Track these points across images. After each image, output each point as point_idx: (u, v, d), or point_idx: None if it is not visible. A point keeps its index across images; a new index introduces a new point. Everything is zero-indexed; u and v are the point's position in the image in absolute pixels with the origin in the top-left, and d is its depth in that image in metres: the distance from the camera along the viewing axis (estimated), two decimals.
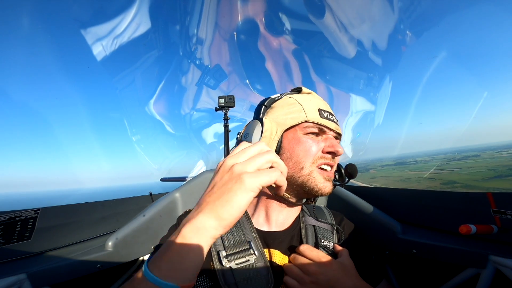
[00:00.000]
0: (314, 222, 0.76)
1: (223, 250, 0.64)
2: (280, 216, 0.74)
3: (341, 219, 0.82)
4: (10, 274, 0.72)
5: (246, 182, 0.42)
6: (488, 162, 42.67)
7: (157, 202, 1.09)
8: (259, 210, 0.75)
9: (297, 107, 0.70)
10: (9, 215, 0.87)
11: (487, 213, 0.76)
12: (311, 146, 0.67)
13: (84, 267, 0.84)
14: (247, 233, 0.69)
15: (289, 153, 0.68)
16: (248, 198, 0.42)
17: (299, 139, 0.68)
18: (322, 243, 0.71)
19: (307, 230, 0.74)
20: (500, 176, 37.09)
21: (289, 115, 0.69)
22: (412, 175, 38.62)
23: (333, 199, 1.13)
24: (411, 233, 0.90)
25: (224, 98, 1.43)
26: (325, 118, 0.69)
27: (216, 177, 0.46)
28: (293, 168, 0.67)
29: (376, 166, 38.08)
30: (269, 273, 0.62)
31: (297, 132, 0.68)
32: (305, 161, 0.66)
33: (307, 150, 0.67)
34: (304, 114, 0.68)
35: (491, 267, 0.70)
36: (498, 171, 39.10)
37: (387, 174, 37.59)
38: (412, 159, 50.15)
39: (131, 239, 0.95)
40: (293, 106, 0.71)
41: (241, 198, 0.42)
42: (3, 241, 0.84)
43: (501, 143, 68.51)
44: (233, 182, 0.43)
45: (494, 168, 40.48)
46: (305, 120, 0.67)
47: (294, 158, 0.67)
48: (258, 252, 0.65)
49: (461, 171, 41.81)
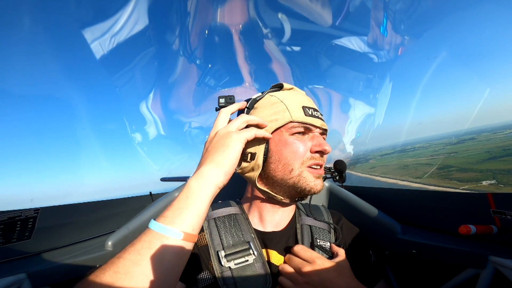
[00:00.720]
0: (310, 222, 0.76)
1: (222, 250, 0.64)
2: (275, 216, 0.74)
3: (339, 218, 0.82)
4: (10, 273, 0.72)
5: (233, 135, 0.55)
6: (484, 144, 42.52)
7: (157, 202, 1.09)
8: (253, 212, 0.75)
9: (281, 107, 0.66)
10: (9, 215, 0.87)
11: (487, 213, 0.76)
12: (298, 147, 0.65)
13: (84, 266, 0.84)
14: (246, 234, 0.69)
15: (277, 156, 0.65)
16: (239, 147, 0.55)
17: (285, 141, 0.65)
18: (318, 243, 0.70)
19: (302, 230, 0.73)
20: (494, 158, 36.99)
21: (273, 116, 0.66)
22: (410, 162, 38.67)
23: (333, 199, 1.13)
24: (411, 234, 0.90)
25: (224, 98, 1.42)
26: (310, 116, 0.66)
27: (208, 142, 0.59)
28: (282, 171, 0.65)
29: (376, 156, 37.99)
30: (267, 273, 0.62)
31: (283, 133, 0.66)
32: (294, 162, 0.64)
33: (295, 151, 0.65)
34: (288, 114, 0.65)
35: (491, 267, 0.70)
36: (493, 153, 38.91)
37: (386, 163, 37.57)
38: (411, 147, 50.09)
39: (131, 239, 0.94)
40: (276, 105, 0.67)
41: (234, 146, 0.54)
42: (3, 241, 0.84)
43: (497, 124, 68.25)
44: (224, 138, 0.56)
45: (489, 150, 40.29)
46: (290, 121, 0.64)
47: (283, 161, 0.65)
48: (257, 252, 0.65)
49: (458, 155, 41.72)
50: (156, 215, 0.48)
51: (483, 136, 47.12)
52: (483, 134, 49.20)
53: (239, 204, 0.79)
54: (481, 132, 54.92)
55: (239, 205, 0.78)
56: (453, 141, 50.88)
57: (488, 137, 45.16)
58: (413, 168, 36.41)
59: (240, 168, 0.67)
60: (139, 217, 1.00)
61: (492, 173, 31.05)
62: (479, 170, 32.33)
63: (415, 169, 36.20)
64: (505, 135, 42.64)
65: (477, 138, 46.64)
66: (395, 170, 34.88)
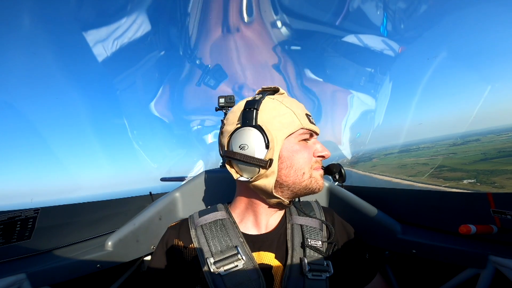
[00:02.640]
0: (301, 221, 0.75)
1: (211, 257, 0.64)
2: (270, 219, 0.74)
3: (332, 215, 0.81)
4: (10, 273, 0.72)
5: None
6: (485, 145, 42.61)
7: (157, 202, 1.09)
8: (248, 215, 0.74)
9: (287, 112, 0.67)
10: (9, 215, 0.87)
11: (487, 213, 0.76)
12: (307, 153, 0.68)
13: (83, 266, 0.84)
14: (234, 238, 0.68)
15: (289, 162, 0.66)
16: None
17: (296, 147, 0.67)
18: (309, 242, 0.70)
19: (293, 230, 0.73)
20: (486, 159, 37.16)
21: (283, 120, 0.66)
22: (409, 162, 38.82)
23: (333, 199, 1.13)
24: (411, 233, 0.90)
25: (224, 98, 1.42)
26: (312, 123, 0.70)
27: None
28: (295, 175, 0.66)
29: (380, 155, 38.05)
30: (259, 276, 0.62)
31: (293, 139, 0.67)
32: (305, 167, 0.67)
33: (306, 157, 0.67)
34: (297, 120, 0.66)
35: (491, 267, 0.70)
36: (488, 154, 39.06)
37: (388, 162, 37.69)
38: (416, 146, 49.98)
39: (131, 239, 0.95)
40: (281, 110, 0.67)
41: None
42: (3, 241, 0.84)
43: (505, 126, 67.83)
44: None
45: (486, 152, 40.45)
46: (301, 127, 0.67)
47: (295, 166, 0.66)
48: (246, 256, 0.65)
49: (455, 156, 41.80)
50: (156, 215, 0.48)
51: (488, 138, 47.11)
52: (489, 136, 49.14)
53: (227, 208, 0.78)
54: (487, 134, 54.88)
55: (226, 210, 0.77)
56: (458, 141, 50.75)
57: (492, 139, 45.19)
58: (410, 167, 36.57)
59: (257, 174, 0.64)
60: (139, 217, 1.00)
61: (476, 173, 31.35)
62: (467, 170, 32.73)
63: (412, 168, 36.36)
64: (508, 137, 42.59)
65: (482, 139, 46.65)
66: (393, 169, 35.03)
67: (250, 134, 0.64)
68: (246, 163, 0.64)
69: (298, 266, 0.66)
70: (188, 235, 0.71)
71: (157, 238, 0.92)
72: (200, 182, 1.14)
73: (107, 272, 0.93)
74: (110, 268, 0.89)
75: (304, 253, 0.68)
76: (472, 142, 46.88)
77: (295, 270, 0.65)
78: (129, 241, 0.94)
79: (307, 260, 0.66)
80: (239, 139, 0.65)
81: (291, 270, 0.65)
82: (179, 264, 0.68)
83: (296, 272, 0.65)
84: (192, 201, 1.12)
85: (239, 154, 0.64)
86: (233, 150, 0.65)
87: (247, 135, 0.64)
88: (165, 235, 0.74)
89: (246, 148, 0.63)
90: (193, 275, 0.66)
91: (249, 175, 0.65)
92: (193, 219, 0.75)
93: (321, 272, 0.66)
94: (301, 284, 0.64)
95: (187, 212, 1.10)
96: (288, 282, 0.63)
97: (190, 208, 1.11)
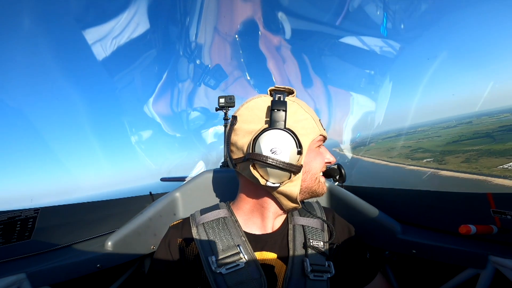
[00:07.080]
0: (303, 222, 0.75)
1: (213, 256, 0.64)
2: (276, 221, 0.75)
3: (333, 216, 0.81)
4: (10, 273, 0.72)
5: None
6: (469, 128, 42.30)
7: (157, 202, 1.08)
8: (254, 217, 0.74)
9: (307, 117, 0.67)
10: (9, 215, 0.87)
11: (487, 213, 0.76)
12: (321, 158, 0.71)
13: (83, 266, 0.84)
14: (236, 237, 0.68)
15: (307, 167, 0.66)
16: None
17: (314, 153, 0.69)
18: (311, 243, 0.70)
19: (295, 231, 0.73)
20: (458, 141, 37.02)
21: (305, 125, 0.66)
22: (398, 145, 38.91)
23: (333, 199, 1.13)
24: (411, 233, 0.90)
25: (225, 98, 1.43)
26: (324, 129, 0.72)
27: None
28: (310, 181, 0.68)
29: (378, 139, 38.08)
30: (261, 276, 0.62)
31: (311, 145, 0.68)
32: (318, 172, 0.70)
33: (321, 163, 0.70)
34: (316, 126, 0.68)
35: (491, 267, 0.70)
36: (464, 136, 38.87)
37: (382, 146, 37.72)
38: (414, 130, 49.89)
39: (131, 239, 0.95)
40: (302, 115, 0.67)
41: None
42: (3, 241, 0.84)
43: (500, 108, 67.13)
44: None
45: (464, 134, 40.21)
46: (320, 134, 0.69)
47: (312, 171, 0.68)
48: (248, 255, 0.65)
49: (438, 138, 41.63)
50: (156, 215, 0.48)
51: (480, 120, 46.71)
52: (482, 118, 48.80)
53: (229, 207, 0.77)
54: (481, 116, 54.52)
55: (228, 208, 0.76)
56: (452, 124, 50.33)
57: (482, 121, 44.85)
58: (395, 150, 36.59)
59: (288, 180, 0.62)
60: (139, 217, 1.00)
61: (440, 153, 31.47)
62: (435, 151, 32.96)
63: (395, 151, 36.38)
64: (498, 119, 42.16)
65: (473, 122, 46.18)
66: (381, 152, 35.12)
67: (283, 137, 0.60)
68: (279, 168, 0.59)
69: (300, 266, 0.66)
70: (190, 233, 0.71)
71: (157, 238, 0.92)
72: (200, 182, 1.14)
73: (107, 272, 0.93)
74: (110, 268, 0.89)
75: (306, 253, 0.68)
76: (464, 125, 46.62)
77: (297, 270, 0.65)
78: (129, 241, 0.94)
79: (309, 261, 0.66)
80: (270, 141, 0.60)
81: (293, 270, 0.65)
82: (181, 264, 0.68)
83: (298, 273, 0.65)
84: (192, 201, 1.12)
85: (272, 158, 0.59)
86: (262, 153, 0.59)
87: (280, 139, 0.60)
88: (167, 234, 0.74)
89: (279, 153, 0.59)
90: (195, 274, 0.65)
91: (277, 180, 0.61)
92: (194, 217, 0.75)
93: (323, 273, 0.66)
94: (302, 285, 0.64)
95: (187, 212, 1.10)
96: (290, 282, 0.63)
97: (191, 208, 1.11)
